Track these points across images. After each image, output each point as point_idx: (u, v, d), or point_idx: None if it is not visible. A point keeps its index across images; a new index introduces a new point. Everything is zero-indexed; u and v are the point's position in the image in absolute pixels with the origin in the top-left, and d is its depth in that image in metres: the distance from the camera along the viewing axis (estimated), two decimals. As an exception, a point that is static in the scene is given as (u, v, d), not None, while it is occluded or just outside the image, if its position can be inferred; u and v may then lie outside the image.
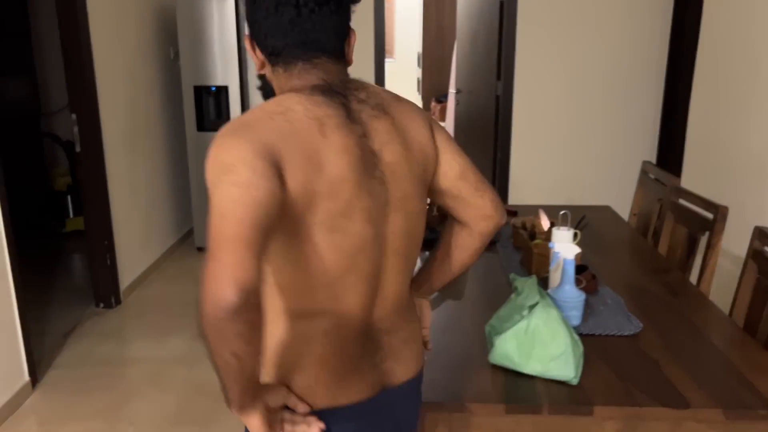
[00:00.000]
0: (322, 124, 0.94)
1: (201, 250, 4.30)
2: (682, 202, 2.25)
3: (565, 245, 1.57)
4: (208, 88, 4.04)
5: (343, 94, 0.99)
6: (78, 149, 3.21)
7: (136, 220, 3.74)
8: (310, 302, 1.00)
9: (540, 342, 1.35)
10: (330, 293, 0.99)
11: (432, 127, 1.11)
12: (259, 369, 0.89)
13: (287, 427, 0.98)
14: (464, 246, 1.19)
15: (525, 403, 1.28)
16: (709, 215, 2.04)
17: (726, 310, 1.83)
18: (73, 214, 4.64)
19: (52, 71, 4.77)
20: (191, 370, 2.79)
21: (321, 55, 1.00)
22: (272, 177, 0.87)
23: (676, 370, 1.39)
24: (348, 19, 1.04)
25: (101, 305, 3.45)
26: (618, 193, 4.16)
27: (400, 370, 1.10)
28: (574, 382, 1.34)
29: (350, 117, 0.98)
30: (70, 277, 4.01)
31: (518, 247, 2.21)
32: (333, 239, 0.95)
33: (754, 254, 1.79)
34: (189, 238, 4.55)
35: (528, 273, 1.96)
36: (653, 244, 2.39)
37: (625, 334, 1.57)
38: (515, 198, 4.29)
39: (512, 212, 2.60)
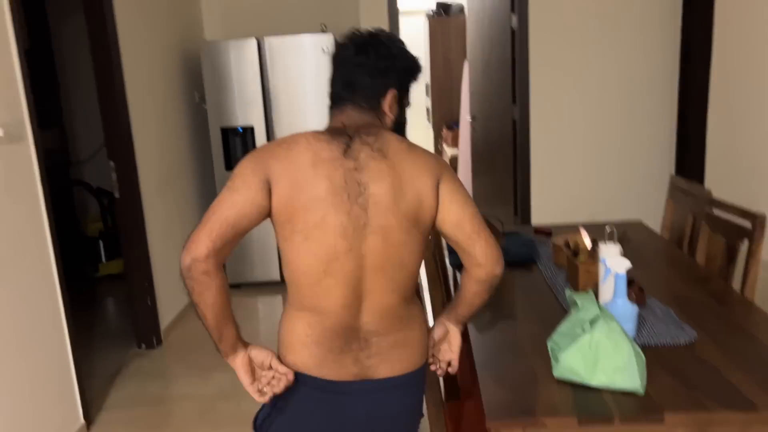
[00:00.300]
0: (315, 155, 1.20)
1: (234, 286, 4.37)
2: (716, 212, 2.31)
3: (615, 260, 1.63)
4: (234, 129, 4.17)
5: (350, 136, 1.23)
6: (117, 195, 3.31)
7: (173, 260, 3.82)
8: (301, 296, 1.26)
9: (604, 354, 1.40)
10: (314, 291, 1.24)
11: (441, 178, 1.28)
12: (223, 325, 1.20)
13: (273, 382, 1.27)
14: (467, 287, 1.38)
15: (596, 414, 1.33)
16: (747, 224, 2.10)
17: None
18: (106, 258, 4.74)
19: (79, 122, 4.94)
20: (239, 405, 2.84)
21: (347, 104, 1.30)
22: (258, 190, 1.17)
23: (737, 374, 1.43)
24: (382, 83, 1.31)
25: (143, 346, 3.52)
26: (640, 207, 4.21)
27: (384, 367, 1.30)
28: (641, 391, 1.38)
29: (347, 153, 1.21)
30: (108, 319, 4.08)
31: (559, 265, 2.26)
32: (309, 246, 1.20)
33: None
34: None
35: (575, 290, 2.01)
36: (689, 254, 2.43)
37: (681, 343, 1.61)
38: (538, 218, 4.35)
39: (547, 232, 2.66)
